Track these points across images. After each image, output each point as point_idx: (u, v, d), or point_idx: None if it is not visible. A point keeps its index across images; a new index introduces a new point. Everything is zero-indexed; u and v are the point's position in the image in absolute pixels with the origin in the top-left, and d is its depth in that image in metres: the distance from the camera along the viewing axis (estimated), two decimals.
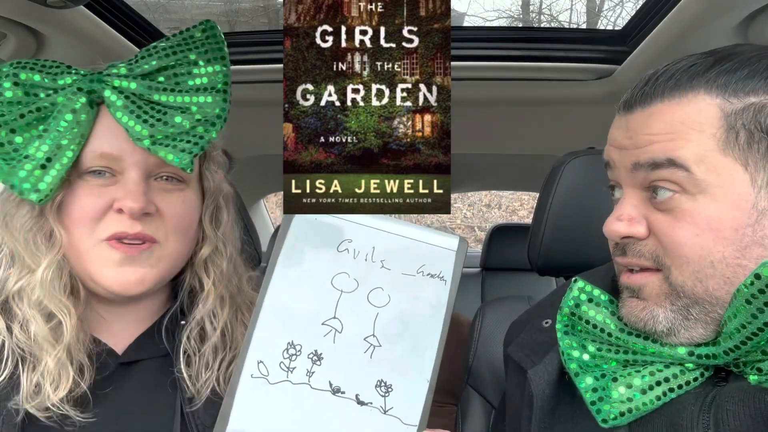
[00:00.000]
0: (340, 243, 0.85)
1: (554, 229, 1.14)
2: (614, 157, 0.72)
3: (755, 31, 1.03)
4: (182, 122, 0.79)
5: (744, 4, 0.96)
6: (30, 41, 1.11)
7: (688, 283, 0.65)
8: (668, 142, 0.66)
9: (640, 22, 1.25)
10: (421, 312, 0.84)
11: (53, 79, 0.80)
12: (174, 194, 0.84)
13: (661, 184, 0.66)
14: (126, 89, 0.79)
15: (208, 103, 0.81)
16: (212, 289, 0.89)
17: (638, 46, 1.26)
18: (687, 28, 1.07)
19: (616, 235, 0.69)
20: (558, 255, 1.14)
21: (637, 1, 1.48)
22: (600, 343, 0.74)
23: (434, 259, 0.86)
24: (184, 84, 0.82)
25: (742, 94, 0.65)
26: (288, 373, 0.79)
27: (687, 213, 0.65)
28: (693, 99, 0.66)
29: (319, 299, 0.83)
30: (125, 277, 0.80)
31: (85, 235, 0.79)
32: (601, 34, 1.47)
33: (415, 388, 0.81)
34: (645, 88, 0.70)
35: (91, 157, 0.79)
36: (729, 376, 0.68)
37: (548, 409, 0.77)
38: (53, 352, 0.76)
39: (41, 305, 0.77)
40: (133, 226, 0.79)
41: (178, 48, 0.82)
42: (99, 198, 0.79)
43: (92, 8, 1.12)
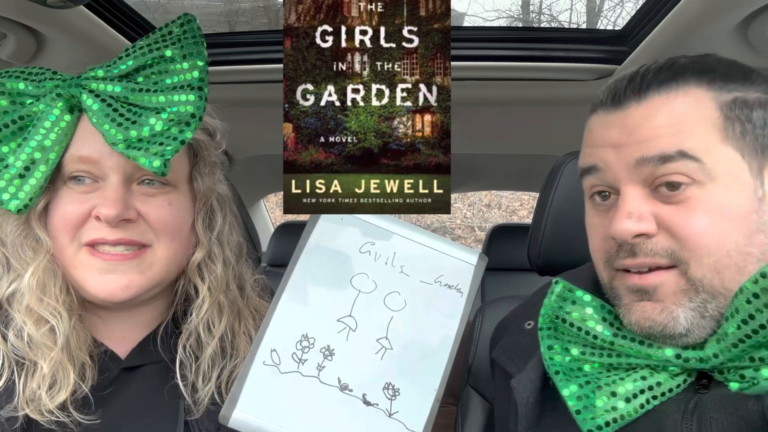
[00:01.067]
0: (363, 244, 0.87)
1: (554, 229, 1.14)
2: (608, 157, 0.69)
3: (755, 31, 1.03)
4: (155, 124, 0.77)
5: (744, 4, 0.96)
6: (30, 41, 1.10)
7: (707, 276, 0.64)
8: (675, 135, 0.65)
9: (640, 22, 1.25)
10: (436, 321, 0.84)
11: (37, 86, 0.79)
12: (158, 198, 0.82)
13: (671, 177, 0.65)
14: (103, 92, 0.78)
15: (183, 102, 0.78)
16: (207, 295, 0.86)
17: (638, 46, 1.26)
18: (687, 28, 1.07)
19: (628, 234, 0.66)
20: (558, 255, 1.14)
21: (637, 1, 1.49)
22: (583, 346, 0.73)
23: (453, 270, 0.87)
24: (162, 83, 0.79)
25: (726, 88, 0.67)
26: (299, 364, 0.80)
27: (700, 202, 0.64)
28: (688, 91, 0.67)
29: (337, 296, 0.84)
30: (110, 284, 0.78)
31: (67, 242, 0.79)
32: (601, 34, 1.46)
33: (422, 395, 0.80)
34: (633, 83, 0.69)
35: (71, 162, 0.79)
36: (710, 383, 0.68)
37: (533, 417, 0.76)
38: (49, 355, 0.75)
39: (31, 310, 0.76)
40: (113, 233, 0.77)
41: (155, 45, 0.79)
42: (80, 205, 0.78)
43: (92, 8, 1.12)
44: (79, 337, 0.78)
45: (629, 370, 0.70)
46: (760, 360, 0.62)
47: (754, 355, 0.62)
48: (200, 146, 0.89)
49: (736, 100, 0.66)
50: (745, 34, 1.05)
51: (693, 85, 0.67)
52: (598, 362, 0.72)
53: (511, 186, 3.53)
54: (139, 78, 0.79)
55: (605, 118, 0.71)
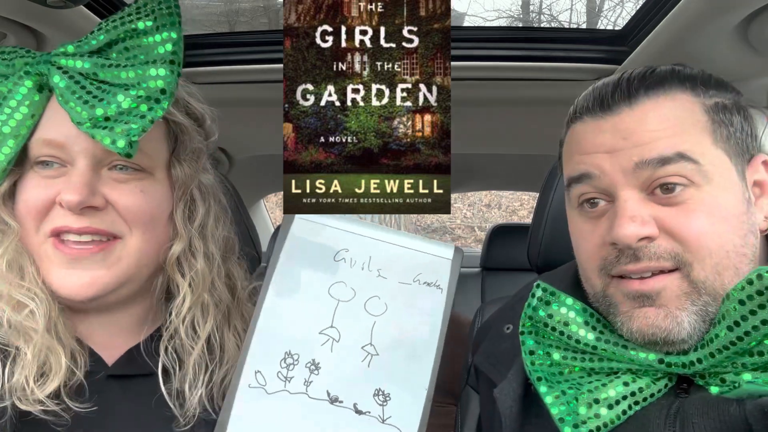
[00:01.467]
0: (337, 253, 0.85)
1: (554, 229, 1.14)
2: (603, 163, 0.68)
3: (755, 31, 1.03)
4: (123, 101, 0.70)
5: (744, 4, 0.96)
6: (30, 41, 1.10)
7: (709, 278, 0.65)
8: (672, 137, 0.66)
9: (640, 22, 1.25)
10: (418, 320, 0.84)
11: (8, 65, 0.74)
12: (130, 184, 0.76)
13: (670, 179, 0.65)
14: (72, 68, 0.72)
15: (153, 77, 0.71)
16: (188, 292, 0.80)
17: (638, 46, 1.25)
18: (687, 28, 1.07)
19: (633, 237, 0.65)
20: (558, 255, 1.14)
21: (637, 1, 1.49)
22: (565, 350, 0.73)
23: (430, 267, 0.86)
24: (136, 59, 0.73)
25: (708, 94, 0.69)
26: (285, 382, 0.79)
27: (699, 202, 0.65)
28: (675, 96, 0.68)
29: (316, 309, 0.82)
30: (71, 280, 0.73)
31: (33, 230, 0.73)
32: (601, 34, 1.46)
33: (413, 396, 0.80)
34: (620, 89, 0.69)
35: (38, 146, 0.73)
36: (690, 386, 0.68)
37: (517, 426, 0.76)
38: (33, 339, 0.69)
39: (7, 295, 0.71)
40: (79, 221, 0.72)
41: (128, 18, 0.73)
42: (45, 190, 0.73)
43: (92, 8, 1.12)
44: (63, 323, 0.73)
45: (611, 375, 0.70)
46: (742, 366, 0.62)
47: (738, 362, 0.62)
48: (181, 130, 0.82)
49: (717, 105, 0.68)
50: (745, 34, 1.05)
51: (678, 91, 0.69)
52: (579, 366, 0.71)
53: (511, 186, 3.53)
54: (113, 54, 0.74)
55: (595, 124, 0.70)
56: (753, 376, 0.62)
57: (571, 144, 0.74)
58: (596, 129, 0.70)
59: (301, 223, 0.86)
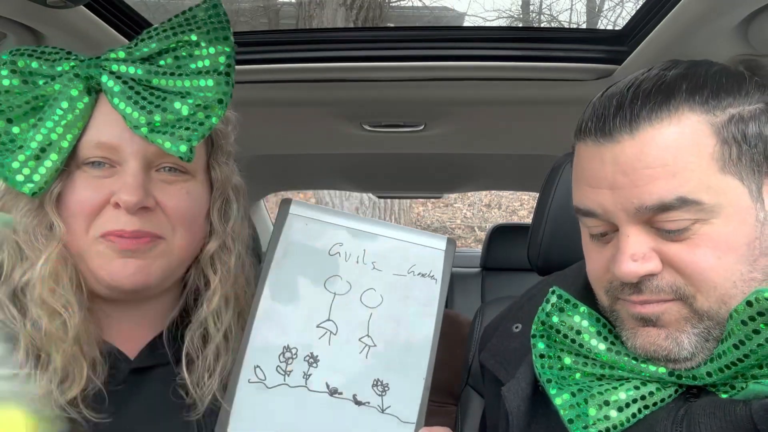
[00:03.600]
0: (332, 247, 0.86)
1: (554, 229, 1.14)
2: (605, 201, 0.66)
3: (755, 31, 1.03)
4: (181, 108, 0.74)
5: (744, 4, 0.96)
6: (30, 41, 1.10)
7: (713, 308, 0.64)
8: (673, 178, 0.62)
9: (640, 22, 1.25)
10: (414, 310, 0.85)
11: (51, 66, 0.76)
12: (177, 186, 0.79)
13: (672, 225, 0.63)
14: (124, 74, 0.75)
15: (209, 87, 0.76)
16: (219, 286, 0.84)
17: (638, 46, 1.25)
18: (687, 28, 1.07)
19: (633, 276, 0.64)
20: (558, 255, 1.14)
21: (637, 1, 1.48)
22: (576, 356, 0.73)
23: (424, 259, 0.87)
24: (186, 67, 0.76)
25: (720, 107, 0.64)
26: (285, 376, 0.80)
27: (705, 237, 0.63)
28: (681, 118, 0.63)
29: (313, 303, 0.84)
30: (127, 269, 0.75)
31: (82, 230, 0.75)
32: (601, 34, 1.46)
33: (412, 386, 0.81)
34: (622, 112, 0.65)
35: (89, 147, 0.75)
36: (700, 392, 0.68)
37: (524, 425, 0.76)
38: (62, 348, 0.71)
39: (44, 302, 0.73)
40: (131, 223, 0.74)
41: (179, 29, 0.77)
42: (97, 191, 0.75)
43: (92, 8, 1.12)
44: (89, 331, 0.75)
45: (621, 380, 0.70)
46: (752, 377, 0.62)
47: (747, 374, 0.62)
48: (218, 134, 0.87)
49: (732, 119, 0.63)
50: (745, 34, 1.05)
51: (686, 110, 0.63)
52: (590, 372, 0.71)
53: (511, 186, 3.53)
54: (161, 61, 0.77)
55: (597, 151, 0.67)
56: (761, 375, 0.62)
57: (577, 165, 0.72)
58: (598, 157, 0.67)
59: (295, 219, 0.87)
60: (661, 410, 0.68)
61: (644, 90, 0.65)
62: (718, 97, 0.64)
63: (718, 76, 0.66)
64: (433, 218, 8.09)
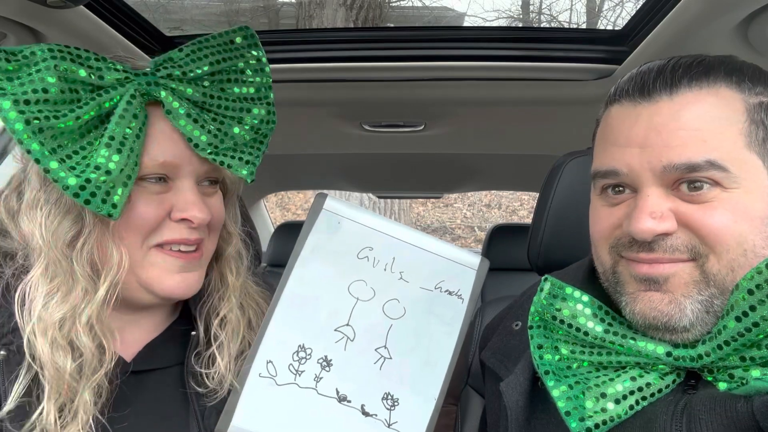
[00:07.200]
0: (361, 250, 0.84)
1: (554, 229, 1.14)
2: (633, 160, 0.67)
3: (755, 31, 1.03)
4: (240, 134, 0.80)
5: (744, 4, 0.96)
6: (30, 41, 1.10)
7: (722, 272, 0.65)
8: (704, 142, 0.64)
9: (640, 22, 1.25)
10: (436, 328, 0.82)
11: (100, 77, 0.74)
12: (214, 197, 0.84)
13: (695, 187, 0.65)
14: (182, 93, 0.77)
15: (260, 115, 0.82)
16: (236, 284, 0.87)
17: (638, 46, 1.26)
18: (687, 28, 1.07)
19: (649, 233, 0.65)
20: (558, 255, 1.14)
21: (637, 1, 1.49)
22: (573, 344, 0.72)
23: (454, 275, 0.85)
24: (230, 91, 0.81)
25: (754, 91, 0.67)
26: (296, 376, 0.78)
27: (724, 201, 0.65)
28: (719, 90, 0.67)
29: (335, 305, 0.81)
30: (186, 282, 0.79)
31: (137, 244, 0.76)
32: (601, 34, 1.46)
33: (422, 404, 0.79)
34: (663, 76, 0.67)
35: (152, 165, 0.75)
36: (698, 383, 0.68)
37: (523, 420, 0.76)
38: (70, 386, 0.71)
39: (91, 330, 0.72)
40: (193, 233, 0.79)
41: (227, 55, 0.80)
42: (158, 206, 0.77)
43: (92, 8, 1.12)
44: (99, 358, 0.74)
45: (619, 370, 0.70)
46: (750, 360, 0.62)
47: (746, 355, 0.62)
48: None
49: (762, 104, 0.67)
50: (745, 34, 1.05)
51: (723, 85, 0.67)
52: (587, 361, 0.71)
53: (511, 186, 3.53)
54: (206, 82, 0.80)
55: (631, 110, 0.69)
56: (761, 372, 0.62)
57: (606, 128, 0.73)
58: (632, 116, 0.69)
59: (328, 215, 0.85)
60: (659, 402, 0.68)
61: (684, 63, 0.68)
62: (752, 81, 0.68)
63: (753, 67, 0.70)
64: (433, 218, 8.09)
